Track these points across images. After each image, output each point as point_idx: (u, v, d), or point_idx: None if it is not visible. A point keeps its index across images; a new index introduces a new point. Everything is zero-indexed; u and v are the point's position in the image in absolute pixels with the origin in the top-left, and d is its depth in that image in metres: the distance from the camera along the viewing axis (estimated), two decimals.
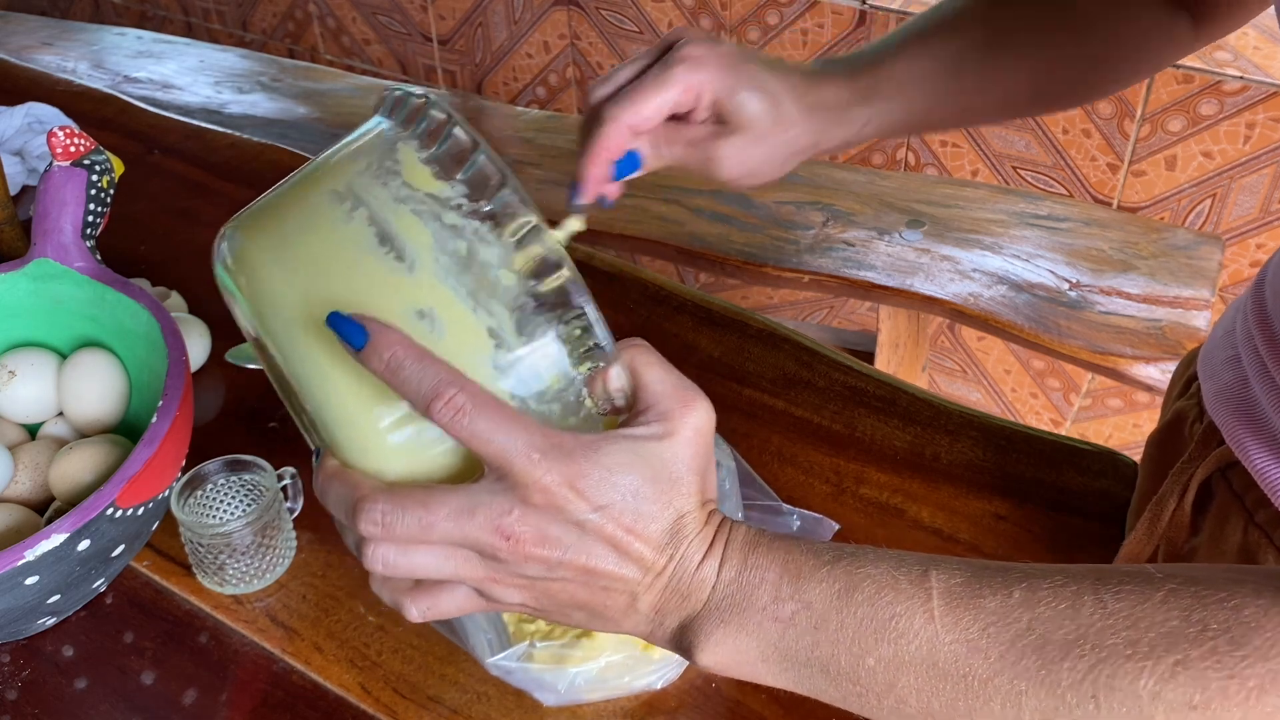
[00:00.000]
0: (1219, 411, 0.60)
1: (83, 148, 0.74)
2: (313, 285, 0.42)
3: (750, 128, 0.58)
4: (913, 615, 0.41)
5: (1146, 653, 0.37)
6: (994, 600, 0.40)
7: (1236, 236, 1.63)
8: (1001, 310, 1.36)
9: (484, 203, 0.42)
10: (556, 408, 0.43)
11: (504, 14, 2.18)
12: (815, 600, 0.42)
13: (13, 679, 0.65)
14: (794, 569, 0.43)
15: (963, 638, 0.40)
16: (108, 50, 2.05)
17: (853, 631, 0.41)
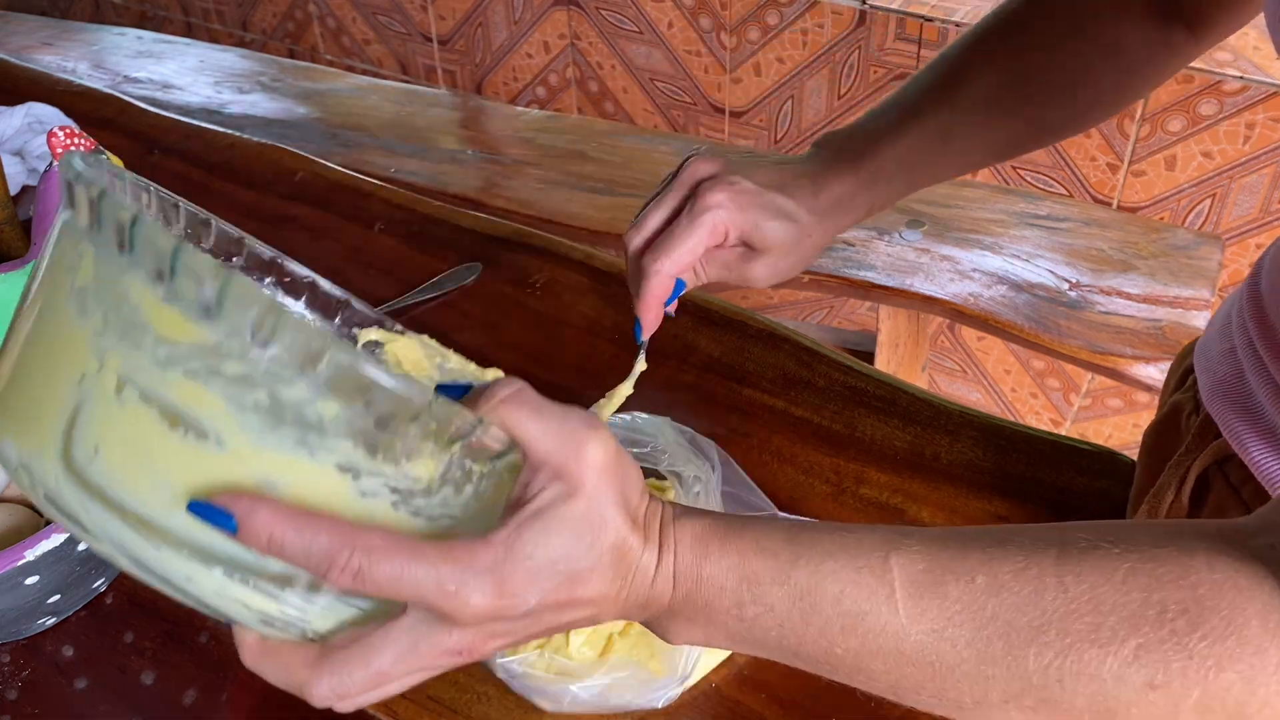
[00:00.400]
0: (1216, 404, 0.60)
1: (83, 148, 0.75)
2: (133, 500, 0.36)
3: (775, 248, 0.63)
4: (878, 610, 0.41)
5: (1109, 637, 0.39)
6: (957, 588, 0.41)
7: (1236, 236, 1.63)
8: (1001, 310, 1.36)
9: (261, 334, 0.35)
10: (449, 490, 0.39)
11: (504, 14, 2.18)
12: (777, 603, 0.43)
13: (13, 679, 0.65)
14: (751, 575, 0.43)
15: (929, 628, 0.41)
16: (108, 50, 2.05)
17: (818, 629, 0.42)
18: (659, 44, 2.02)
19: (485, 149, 1.74)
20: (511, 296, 0.92)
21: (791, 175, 0.64)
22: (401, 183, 1.31)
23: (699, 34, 1.96)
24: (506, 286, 0.93)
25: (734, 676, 0.63)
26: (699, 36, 1.97)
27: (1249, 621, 0.37)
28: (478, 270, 0.94)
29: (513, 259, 0.96)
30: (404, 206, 1.03)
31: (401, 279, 0.93)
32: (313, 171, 1.08)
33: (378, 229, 1.00)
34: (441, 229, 1.00)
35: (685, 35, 1.98)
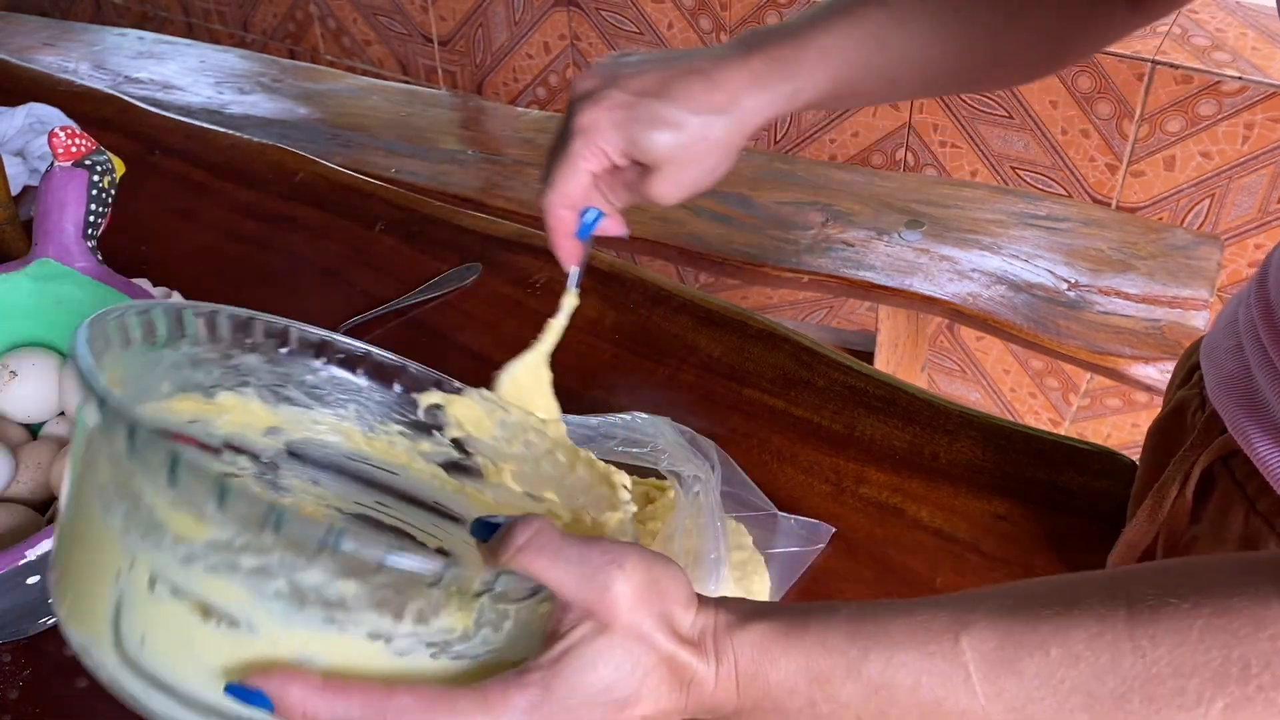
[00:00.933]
0: (1221, 400, 0.60)
1: (84, 148, 0.75)
2: (183, 685, 0.38)
3: (668, 161, 0.58)
4: (956, 696, 0.41)
5: (1195, 700, 0.38)
6: (1032, 663, 0.40)
7: (1235, 237, 1.64)
8: (1000, 310, 1.36)
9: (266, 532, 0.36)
10: (487, 630, 0.40)
11: (504, 15, 2.19)
12: (852, 700, 0.42)
13: (14, 678, 0.65)
14: (821, 675, 0.42)
15: (1009, 706, 0.40)
16: (109, 51, 2.05)
17: (896, 718, 0.42)
18: (659, 45, 2.02)
19: (485, 149, 1.74)
20: (511, 296, 0.92)
21: (680, 74, 0.58)
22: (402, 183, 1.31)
23: (699, 35, 1.96)
24: (506, 286, 0.93)
25: None
26: (699, 37, 1.97)
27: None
28: (478, 270, 0.94)
29: (513, 259, 0.96)
30: (404, 207, 1.03)
31: (402, 279, 0.93)
32: (313, 172, 1.08)
33: (378, 229, 1.00)
34: (442, 229, 1.00)
35: (685, 36, 1.98)
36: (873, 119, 1.85)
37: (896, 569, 0.68)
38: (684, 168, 0.58)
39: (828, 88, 0.60)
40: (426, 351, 0.87)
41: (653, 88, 0.57)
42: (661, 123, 0.57)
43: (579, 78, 0.59)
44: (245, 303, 0.92)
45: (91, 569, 0.39)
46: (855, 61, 0.61)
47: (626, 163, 0.58)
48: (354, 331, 0.88)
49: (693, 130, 0.57)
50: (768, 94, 0.58)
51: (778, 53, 0.58)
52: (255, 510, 0.35)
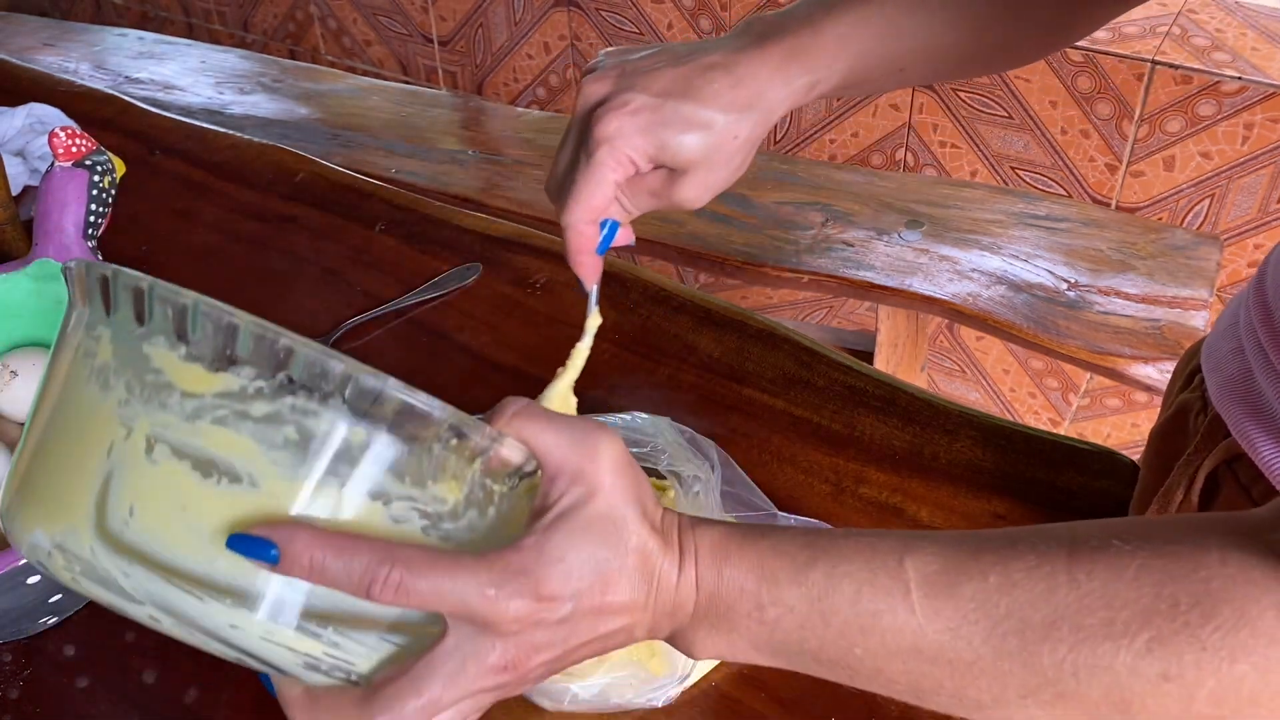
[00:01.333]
0: (1224, 404, 0.60)
1: (84, 148, 0.75)
2: (173, 554, 0.37)
3: (697, 164, 0.56)
4: (895, 610, 0.42)
5: (1122, 630, 0.39)
6: (970, 586, 0.41)
7: (1235, 237, 1.64)
8: (1000, 310, 1.36)
9: (283, 373, 0.37)
10: (473, 513, 0.41)
11: (504, 15, 2.19)
12: (796, 604, 0.43)
13: (14, 678, 0.65)
14: (770, 575, 0.43)
15: (945, 627, 0.42)
16: (109, 51, 2.05)
17: (838, 629, 0.43)
18: None
19: (486, 149, 1.74)
20: (511, 296, 0.92)
21: (699, 70, 0.56)
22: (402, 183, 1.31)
23: (699, 35, 1.96)
24: (506, 286, 0.93)
25: (734, 676, 0.63)
26: (699, 37, 1.97)
27: (1263, 614, 0.38)
28: (478, 270, 0.94)
29: (513, 259, 0.96)
30: (405, 207, 1.03)
31: (402, 279, 0.94)
32: (314, 172, 1.08)
33: (378, 229, 1.00)
34: (442, 229, 1.00)
35: (685, 36, 1.98)
36: (873, 119, 1.85)
37: None
38: (713, 169, 0.57)
39: (843, 78, 0.59)
40: (426, 351, 0.87)
41: (675, 88, 0.55)
42: (691, 125, 0.55)
43: (588, 80, 0.56)
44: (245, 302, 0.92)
45: (75, 454, 0.39)
46: (869, 50, 0.59)
47: (651, 168, 0.56)
48: (354, 331, 0.88)
49: (722, 130, 0.56)
50: (789, 87, 0.57)
51: (795, 42, 0.56)
52: (272, 349, 0.36)
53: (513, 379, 0.84)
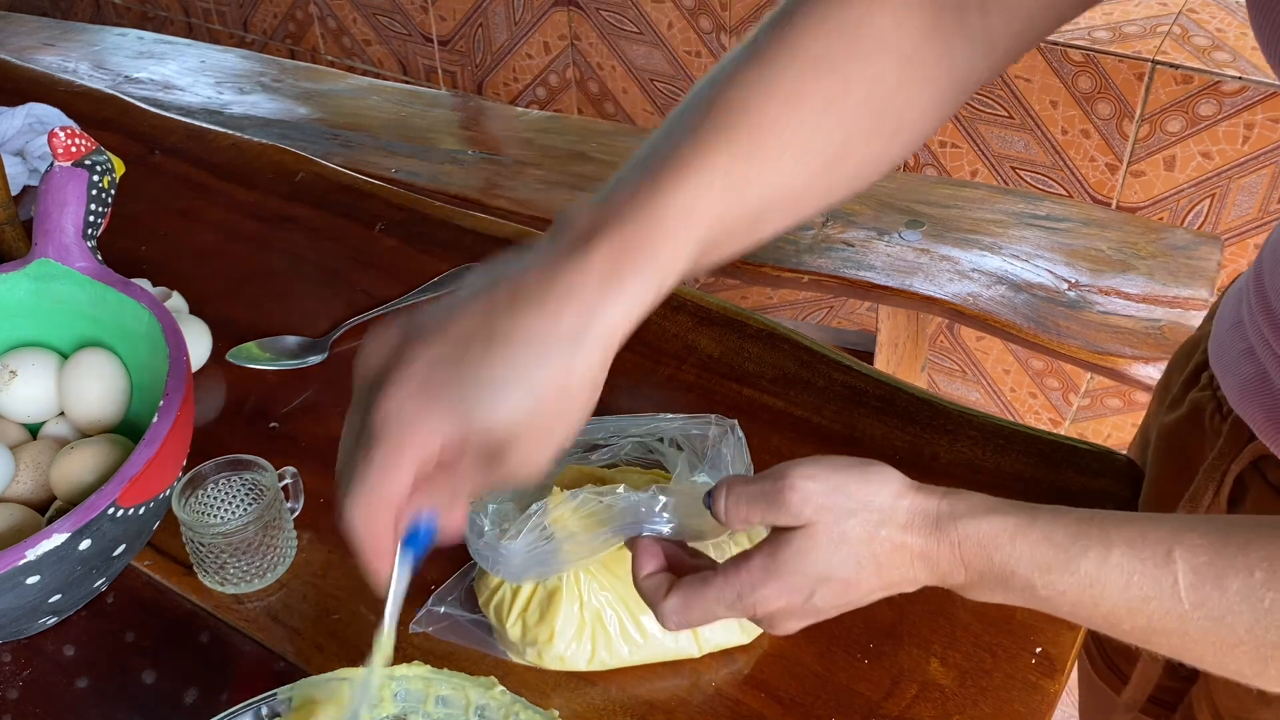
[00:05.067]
0: (1246, 408, 0.60)
1: (84, 148, 0.75)
2: None
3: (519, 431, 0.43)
4: (1163, 597, 0.45)
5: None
6: (1237, 581, 0.44)
7: (1235, 237, 1.63)
8: (1000, 310, 1.36)
9: None
10: None
11: (504, 15, 2.19)
12: (1068, 589, 0.47)
13: (14, 678, 0.65)
14: (1042, 564, 0.47)
15: (1211, 615, 0.44)
16: (109, 51, 2.05)
17: (1107, 610, 0.47)
18: (659, 45, 2.02)
19: (486, 149, 1.74)
20: None
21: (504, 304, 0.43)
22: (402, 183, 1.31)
23: (699, 35, 1.96)
24: None
25: (734, 676, 0.63)
26: (699, 37, 1.97)
27: None
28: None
29: None
30: (405, 207, 1.03)
31: (402, 279, 0.93)
32: (314, 172, 1.08)
33: (378, 229, 1.00)
34: (442, 229, 1.00)
35: (685, 36, 1.98)
36: None
37: None
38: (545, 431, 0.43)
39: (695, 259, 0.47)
40: None
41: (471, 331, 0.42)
42: (499, 383, 0.42)
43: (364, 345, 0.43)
44: (245, 302, 0.92)
45: None
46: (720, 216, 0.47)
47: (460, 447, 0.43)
48: (354, 331, 0.88)
49: (544, 379, 0.42)
50: (626, 296, 0.44)
51: (626, 235, 0.44)
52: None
53: None
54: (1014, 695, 0.61)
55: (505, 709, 0.53)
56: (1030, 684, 0.62)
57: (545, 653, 0.62)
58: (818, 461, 0.52)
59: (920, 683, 0.62)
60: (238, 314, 0.90)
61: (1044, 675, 0.62)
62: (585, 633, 0.62)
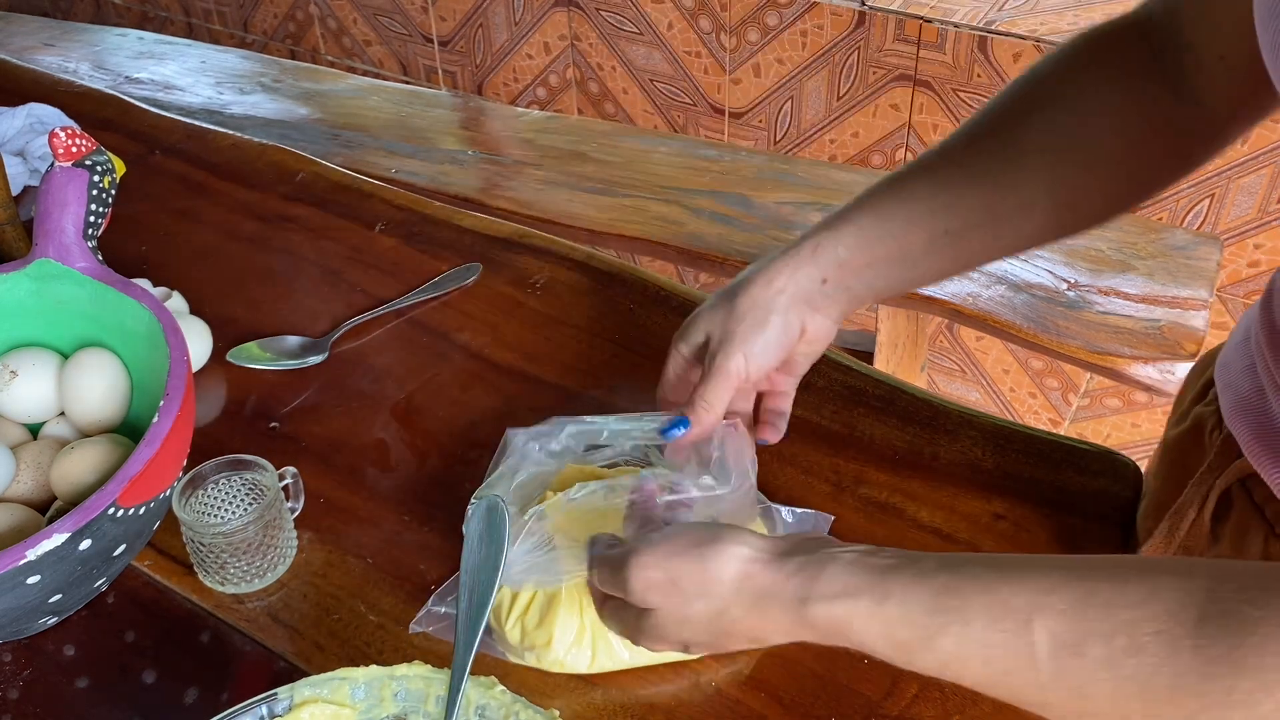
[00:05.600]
0: (1237, 424, 0.59)
1: (84, 148, 0.75)
2: None
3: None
4: (1022, 670, 0.45)
5: (1243, 700, 0.40)
6: (1098, 650, 0.43)
7: (1235, 237, 1.63)
8: (1000, 310, 1.36)
9: None
10: None
11: (504, 15, 2.19)
12: (929, 666, 0.48)
13: (14, 678, 0.65)
14: (900, 643, 0.48)
15: (1070, 685, 0.44)
16: (109, 51, 2.05)
17: (970, 683, 0.47)
18: (659, 45, 2.02)
19: (486, 149, 1.74)
20: (511, 296, 0.92)
21: None
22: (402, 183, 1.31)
23: (699, 35, 1.96)
24: (506, 286, 0.93)
25: (734, 676, 0.63)
26: (699, 37, 1.97)
27: None
28: (478, 270, 0.94)
29: (513, 259, 0.96)
30: (405, 207, 1.03)
31: (402, 279, 0.93)
32: (314, 172, 1.08)
33: (378, 229, 1.00)
34: (442, 229, 1.00)
35: (685, 36, 1.98)
36: (873, 119, 1.85)
37: None
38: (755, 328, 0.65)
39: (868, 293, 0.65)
40: (426, 351, 0.87)
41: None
42: None
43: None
44: (245, 302, 0.92)
45: None
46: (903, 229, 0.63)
47: None
48: (354, 331, 0.88)
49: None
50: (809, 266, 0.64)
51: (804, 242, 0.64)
52: None
53: (512, 379, 0.84)
54: None
55: (505, 709, 0.53)
56: None
57: (544, 656, 0.62)
58: (656, 548, 0.54)
59: (920, 683, 0.62)
60: (238, 314, 0.90)
61: None
62: (585, 638, 0.62)
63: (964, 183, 0.63)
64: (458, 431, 0.79)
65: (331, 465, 0.77)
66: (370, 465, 0.77)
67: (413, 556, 0.70)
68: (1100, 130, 0.61)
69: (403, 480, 0.76)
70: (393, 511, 0.74)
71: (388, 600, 0.68)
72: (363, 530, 0.72)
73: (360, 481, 0.76)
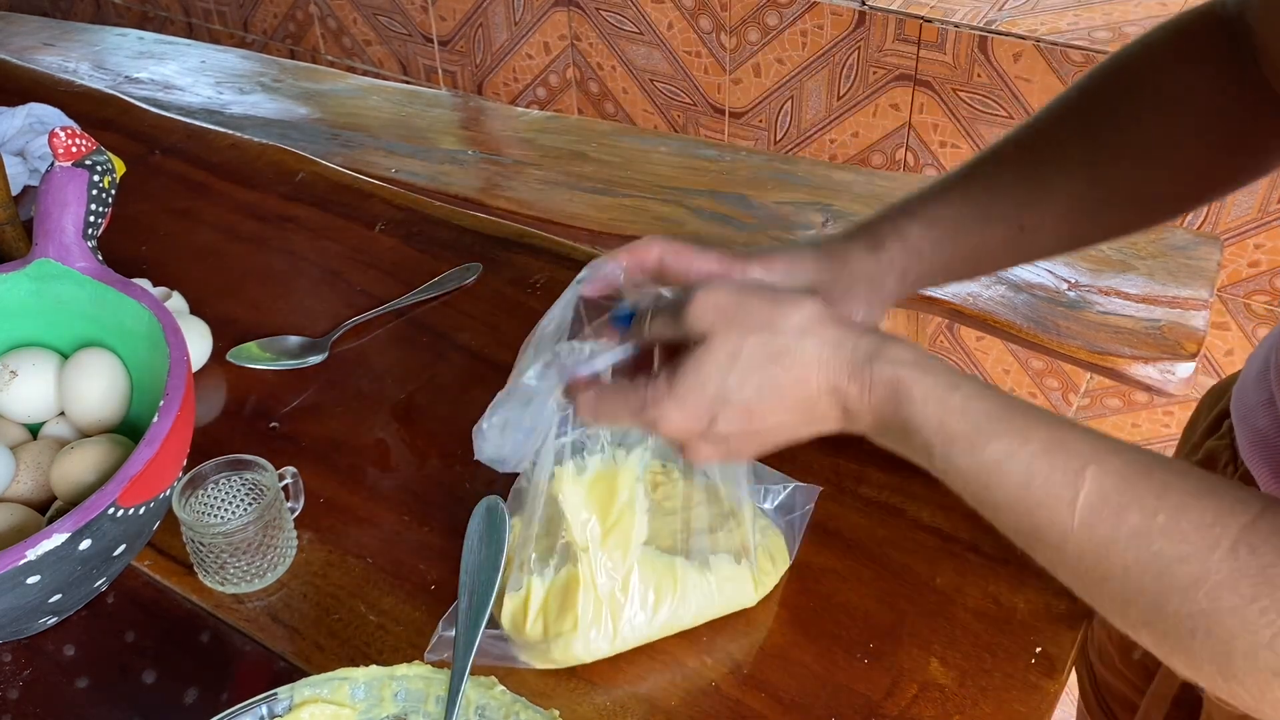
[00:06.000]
0: (1255, 461, 0.57)
1: (84, 148, 0.75)
2: None
3: None
4: (1055, 508, 0.43)
5: (1257, 615, 0.39)
6: (1137, 517, 0.42)
7: (1235, 237, 1.63)
8: (1000, 310, 1.36)
9: None
10: None
11: (504, 15, 2.19)
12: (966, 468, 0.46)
13: (14, 678, 0.65)
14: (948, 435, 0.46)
15: (1093, 541, 0.43)
16: (109, 51, 2.05)
17: (995, 502, 0.45)
18: (659, 45, 2.02)
19: (486, 149, 1.74)
20: (511, 296, 0.92)
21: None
22: (402, 183, 1.31)
23: (699, 35, 1.96)
24: (506, 286, 0.93)
25: (734, 676, 0.63)
26: (699, 37, 1.97)
27: None
28: (478, 270, 0.94)
29: (513, 259, 0.96)
30: (405, 207, 1.03)
31: (402, 279, 0.93)
32: (314, 172, 1.08)
33: (378, 229, 1.00)
34: (442, 229, 1.00)
35: (685, 36, 1.98)
36: (873, 119, 1.85)
37: (896, 569, 0.68)
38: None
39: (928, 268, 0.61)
40: (426, 351, 0.87)
41: None
42: None
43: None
44: (245, 302, 0.92)
45: None
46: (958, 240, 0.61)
47: None
48: (354, 331, 0.88)
49: None
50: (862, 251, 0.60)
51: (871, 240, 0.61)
52: None
53: None
54: (1014, 695, 0.61)
55: (505, 709, 0.53)
56: (1030, 684, 0.62)
57: (571, 644, 0.62)
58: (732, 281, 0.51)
59: (920, 683, 0.62)
60: (238, 314, 0.90)
61: (1044, 675, 0.62)
62: (603, 612, 0.62)
63: (1046, 176, 0.60)
64: (458, 431, 0.79)
65: (331, 465, 0.77)
66: (370, 465, 0.77)
67: (413, 556, 0.70)
68: (1186, 130, 0.59)
69: (403, 480, 0.76)
70: (393, 511, 0.74)
71: (388, 600, 0.68)
72: (363, 530, 0.72)
73: (360, 481, 0.76)
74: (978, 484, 0.45)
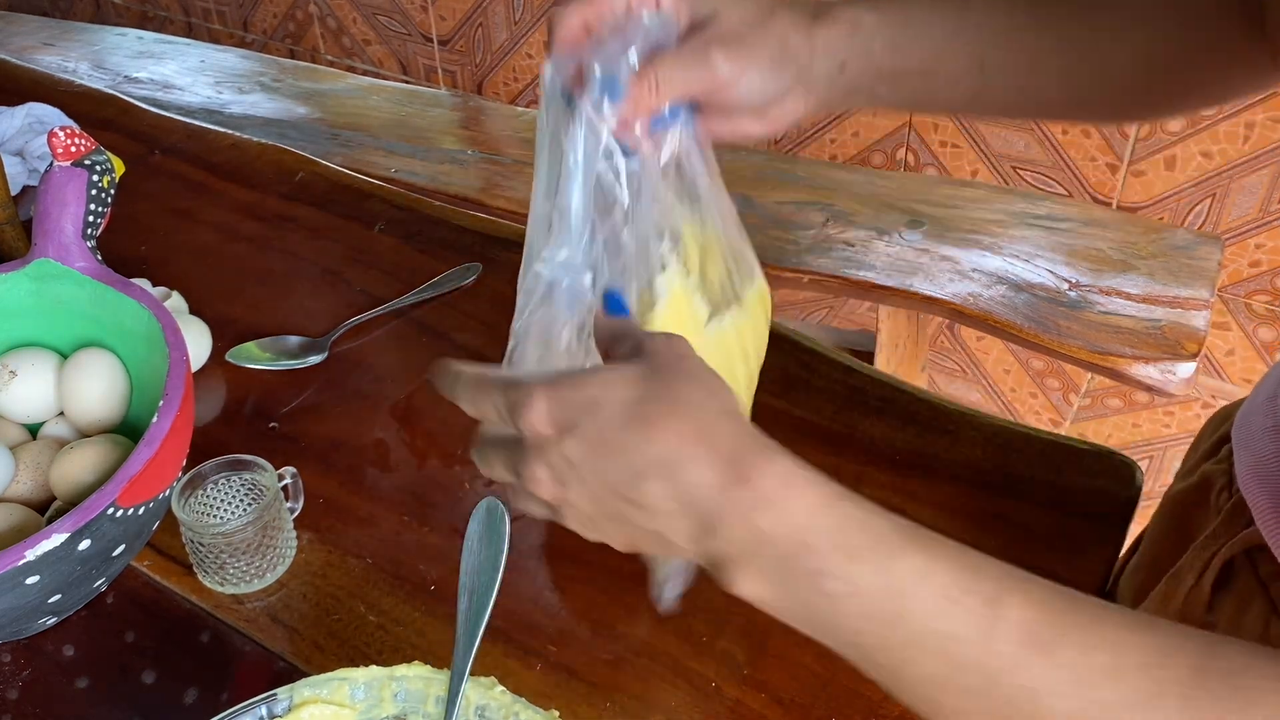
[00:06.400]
0: (1252, 488, 0.55)
1: (83, 148, 0.75)
2: None
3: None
4: (977, 643, 0.36)
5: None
6: (1072, 654, 0.36)
7: (1236, 237, 1.63)
8: (1001, 310, 1.36)
9: None
10: None
11: (504, 14, 2.18)
12: (869, 592, 0.37)
13: (13, 678, 0.65)
14: (851, 548, 0.38)
15: (1025, 684, 0.36)
16: (108, 51, 2.05)
17: (903, 639, 0.37)
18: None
19: (486, 149, 1.74)
20: (511, 296, 0.92)
21: None
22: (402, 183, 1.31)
23: None
24: (506, 286, 0.93)
25: (734, 676, 0.63)
26: None
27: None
28: (478, 270, 0.94)
29: (513, 259, 0.96)
30: (404, 207, 1.03)
31: (401, 279, 0.93)
32: (313, 172, 1.08)
33: (378, 229, 1.00)
34: (442, 229, 1.00)
35: None
36: (873, 118, 1.85)
37: None
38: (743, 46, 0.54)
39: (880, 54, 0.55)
40: (426, 351, 0.87)
41: None
42: None
43: None
44: (245, 302, 0.92)
45: None
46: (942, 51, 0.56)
47: None
48: (354, 331, 0.88)
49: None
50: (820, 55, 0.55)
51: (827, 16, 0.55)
52: None
53: None
54: None
55: (505, 709, 0.53)
56: None
57: None
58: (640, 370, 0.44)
59: None
60: (238, 314, 0.90)
61: None
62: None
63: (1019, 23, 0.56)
64: (458, 431, 0.79)
65: (331, 465, 0.77)
66: (370, 465, 0.77)
67: (413, 556, 0.70)
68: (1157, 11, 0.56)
69: (403, 480, 0.76)
70: (393, 511, 0.73)
71: (387, 600, 0.68)
72: (363, 530, 0.72)
73: (360, 481, 0.76)
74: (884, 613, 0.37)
